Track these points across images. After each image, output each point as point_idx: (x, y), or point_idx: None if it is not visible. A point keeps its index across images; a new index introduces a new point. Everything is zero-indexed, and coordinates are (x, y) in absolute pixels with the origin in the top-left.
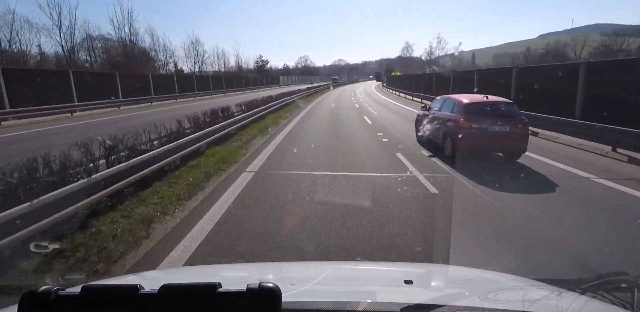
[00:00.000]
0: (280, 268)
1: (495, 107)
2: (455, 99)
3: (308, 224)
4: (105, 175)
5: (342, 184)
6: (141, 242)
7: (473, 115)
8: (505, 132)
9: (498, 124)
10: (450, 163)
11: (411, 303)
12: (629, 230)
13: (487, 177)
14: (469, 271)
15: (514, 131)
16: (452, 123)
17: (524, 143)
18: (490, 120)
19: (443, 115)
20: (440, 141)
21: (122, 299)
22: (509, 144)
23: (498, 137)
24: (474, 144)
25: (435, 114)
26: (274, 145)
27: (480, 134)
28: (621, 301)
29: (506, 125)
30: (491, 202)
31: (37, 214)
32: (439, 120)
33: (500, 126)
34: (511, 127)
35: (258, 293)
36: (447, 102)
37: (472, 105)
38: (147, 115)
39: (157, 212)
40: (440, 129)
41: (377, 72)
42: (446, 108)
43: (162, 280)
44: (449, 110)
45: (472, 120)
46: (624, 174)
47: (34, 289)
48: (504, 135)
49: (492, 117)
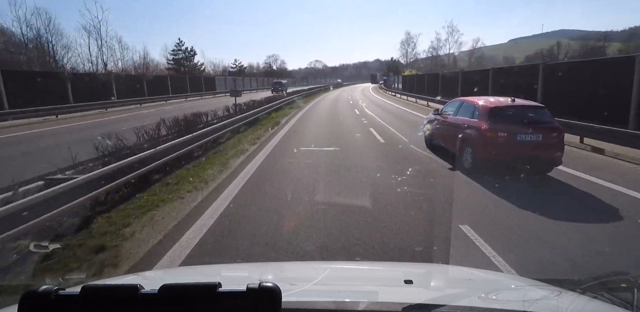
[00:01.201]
0: (280, 268)
1: (524, 112)
2: (475, 102)
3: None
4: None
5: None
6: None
7: (498, 121)
8: (537, 142)
9: (528, 131)
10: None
11: (411, 303)
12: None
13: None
14: (469, 271)
15: (548, 140)
16: (473, 130)
17: (559, 154)
18: (519, 127)
19: (460, 120)
20: (456, 150)
21: (122, 299)
22: (542, 155)
23: (529, 147)
24: (499, 154)
25: (450, 118)
26: None
27: (507, 143)
28: (621, 301)
29: (538, 133)
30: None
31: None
32: (455, 126)
33: (531, 134)
34: (544, 135)
35: (258, 293)
36: (465, 106)
37: (498, 110)
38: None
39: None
40: (457, 137)
41: (373, 74)
42: (464, 112)
43: (162, 280)
44: (468, 115)
45: (497, 127)
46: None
47: (34, 289)
48: (535, 145)
49: (521, 124)
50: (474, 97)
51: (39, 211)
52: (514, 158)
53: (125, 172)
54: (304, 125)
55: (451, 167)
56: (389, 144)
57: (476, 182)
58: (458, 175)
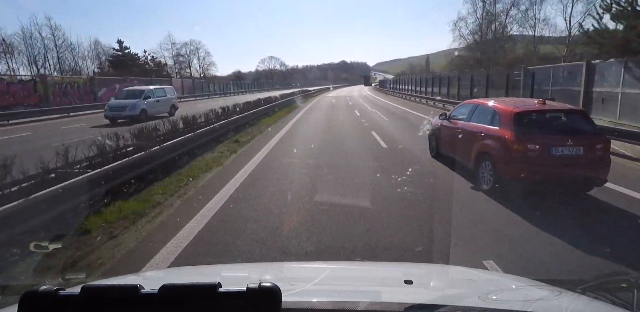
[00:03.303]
0: (280, 268)
1: (559, 118)
2: (494, 105)
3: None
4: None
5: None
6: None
7: (528, 130)
8: (579, 156)
9: (567, 143)
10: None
11: (411, 303)
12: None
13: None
14: (469, 271)
15: (591, 154)
16: (493, 141)
17: (604, 171)
18: (555, 137)
19: (475, 127)
20: (471, 164)
21: (122, 299)
22: (584, 174)
23: (568, 163)
24: (530, 173)
25: (461, 125)
26: None
27: (539, 158)
28: (621, 301)
29: (579, 146)
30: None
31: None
32: (469, 135)
33: (570, 147)
34: (586, 148)
35: (258, 293)
36: (480, 110)
37: (526, 115)
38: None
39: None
40: (472, 148)
41: (365, 75)
42: (479, 118)
43: (162, 280)
44: (486, 122)
45: (526, 137)
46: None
47: (34, 289)
48: (576, 161)
49: (556, 134)
50: (488, 99)
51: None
52: (548, 178)
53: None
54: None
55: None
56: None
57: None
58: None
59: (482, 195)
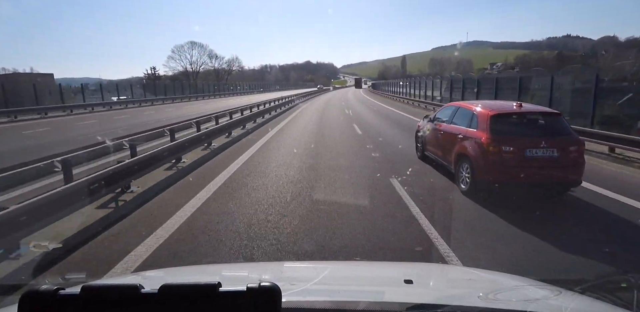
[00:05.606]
0: (280, 268)
1: (535, 121)
2: (472, 107)
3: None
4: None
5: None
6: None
7: (503, 131)
8: (553, 159)
9: (542, 145)
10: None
11: (411, 303)
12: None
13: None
14: (469, 270)
15: (565, 156)
16: (471, 143)
17: (577, 173)
18: (530, 139)
19: (455, 129)
20: (451, 166)
21: (122, 299)
22: (558, 176)
23: (542, 165)
24: (505, 175)
25: (444, 127)
26: None
27: (514, 160)
28: (621, 301)
29: (553, 148)
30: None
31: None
32: (450, 136)
33: (545, 149)
34: (560, 151)
35: (258, 293)
36: (461, 112)
37: (501, 117)
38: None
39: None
40: (452, 150)
41: (357, 78)
42: (459, 120)
43: (162, 280)
44: (465, 124)
45: (501, 139)
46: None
47: (34, 289)
48: (550, 163)
49: (531, 136)
50: (469, 102)
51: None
52: (524, 180)
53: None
54: None
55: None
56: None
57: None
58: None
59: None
